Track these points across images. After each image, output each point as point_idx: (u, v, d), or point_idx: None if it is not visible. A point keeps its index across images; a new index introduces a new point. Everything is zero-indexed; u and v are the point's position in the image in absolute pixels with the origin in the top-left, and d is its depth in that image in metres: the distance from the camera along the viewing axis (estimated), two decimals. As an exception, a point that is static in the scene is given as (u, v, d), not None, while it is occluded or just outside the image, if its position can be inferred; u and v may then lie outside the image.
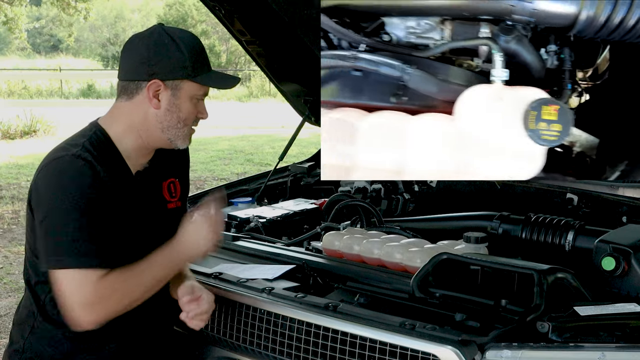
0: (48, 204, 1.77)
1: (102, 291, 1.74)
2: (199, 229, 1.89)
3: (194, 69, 1.85)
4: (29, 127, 13.03)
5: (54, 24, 37.15)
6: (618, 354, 1.60)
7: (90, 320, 1.76)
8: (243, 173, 9.41)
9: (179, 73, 1.84)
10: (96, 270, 1.74)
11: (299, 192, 3.24)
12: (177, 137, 1.90)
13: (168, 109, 1.86)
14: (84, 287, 1.73)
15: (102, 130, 1.89)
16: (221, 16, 2.90)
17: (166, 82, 1.84)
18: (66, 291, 1.75)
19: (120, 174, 1.88)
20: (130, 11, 41.38)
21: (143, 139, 1.90)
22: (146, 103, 1.85)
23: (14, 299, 4.80)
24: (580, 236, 2.25)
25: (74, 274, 1.73)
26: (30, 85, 23.07)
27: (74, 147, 1.82)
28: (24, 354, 1.92)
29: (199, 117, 1.93)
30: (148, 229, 1.95)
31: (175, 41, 1.84)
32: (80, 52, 37.71)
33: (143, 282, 1.82)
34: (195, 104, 1.89)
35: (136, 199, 1.92)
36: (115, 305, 1.78)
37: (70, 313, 1.76)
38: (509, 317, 1.75)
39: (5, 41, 35.76)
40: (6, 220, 6.98)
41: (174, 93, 1.85)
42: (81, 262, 1.73)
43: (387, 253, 2.15)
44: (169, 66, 1.83)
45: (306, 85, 3.23)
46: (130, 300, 1.80)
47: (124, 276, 1.79)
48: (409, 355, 1.70)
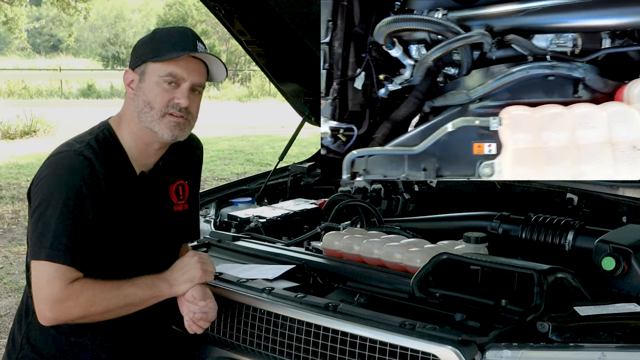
0: (41, 195, 1.78)
1: (70, 291, 1.74)
2: (188, 260, 1.91)
3: (156, 50, 1.86)
4: (29, 127, 13.03)
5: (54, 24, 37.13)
6: (618, 354, 1.60)
7: (50, 317, 1.76)
8: (243, 173, 9.41)
9: (142, 58, 1.87)
10: (69, 269, 1.74)
11: (299, 192, 3.24)
12: (153, 124, 1.86)
13: (136, 94, 1.88)
14: (54, 282, 1.73)
15: (110, 129, 1.91)
16: (221, 16, 2.90)
17: (135, 70, 1.88)
18: (36, 283, 1.76)
19: (124, 173, 1.88)
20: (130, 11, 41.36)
21: (135, 133, 1.90)
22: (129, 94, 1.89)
23: (14, 299, 4.80)
24: (580, 236, 2.25)
25: (45, 267, 1.74)
26: (30, 85, 23.07)
27: (78, 143, 1.84)
28: (21, 350, 1.93)
29: (176, 102, 1.86)
30: (151, 229, 1.95)
31: (153, 33, 1.90)
32: (80, 52, 37.70)
33: (118, 295, 1.80)
34: (166, 89, 1.85)
35: (140, 199, 1.92)
36: (80, 310, 1.77)
37: (35, 305, 1.77)
38: (509, 317, 1.75)
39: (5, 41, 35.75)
40: (6, 220, 6.98)
41: (140, 78, 1.87)
42: (55, 257, 1.73)
43: (387, 253, 2.15)
44: (137, 54, 1.89)
45: (306, 85, 3.23)
46: (99, 310, 1.79)
47: (100, 284, 1.78)
48: (409, 355, 1.70)
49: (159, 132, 1.87)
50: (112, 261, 1.86)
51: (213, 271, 1.96)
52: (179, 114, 1.87)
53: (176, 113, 1.87)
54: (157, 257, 1.98)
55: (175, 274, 1.89)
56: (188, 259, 1.92)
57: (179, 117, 1.87)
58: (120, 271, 1.86)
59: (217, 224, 2.70)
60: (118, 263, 1.88)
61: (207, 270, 1.92)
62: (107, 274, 1.83)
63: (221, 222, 2.76)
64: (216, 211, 2.84)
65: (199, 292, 1.90)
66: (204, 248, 2.44)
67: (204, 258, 1.94)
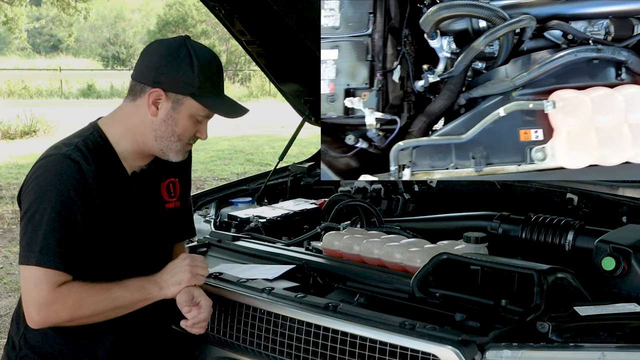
0: (30, 200, 1.78)
1: (57, 295, 1.74)
2: (179, 262, 1.90)
3: (201, 89, 1.83)
4: (29, 127, 13.04)
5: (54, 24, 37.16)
6: (618, 354, 1.60)
7: (38, 320, 1.76)
8: (243, 173, 9.41)
9: (183, 89, 1.83)
10: (57, 273, 1.74)
11: (299, 192, 3.24)
12: (170, 150, 1.89)
13: (164, 120, 1.85)
14: (41, 286, 1.73)
15: (100, 131, 1.89)
16: (221, 16, 2.90)
17: (168, 94, 1.83)
18: (24, 286, 1.76)
19: (115, 174, 1.88)
20: (130, 11, 41.36)
21: (139, 143, 1.89)
22: (146, 108, 1.85)
23: (14, 299, 4.80)
24: (580, 236, 2.25)
25: (34, 271, 1.74)
26: (30, 85, 23.07)
27: (66, 146, 1.83)
28: (20, 350, 1.93)
29: (197, 136, 1.92)
30: (144, 227, 1.95)
31: (191, 57, 1.82)
32: (80, 52, 37.70)
33: (107, 298, 1.80)
34: (195, 122, 1.88)
35: (132, 198, 1.92)
36: (67, 313, 1.76)
37: (24, 309, 1.78)
38: (509, 317, 1.75)
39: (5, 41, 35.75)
40: (6, 220, 6.99)
41: (174, 107, 1.84)
42: (43, 261, 1.73)
43: (387, 253, 2.15)
44: (175, 79, 1.82)
45: (306, 85, 3.23)
46: (87, 314, 1.79)
47: (88, 287, 1.78)
48: (409, 355, 1.70)
49: (167, 153, 1.90)
50: (106, 261, 1.86)
51: (204, 274, 1.93)
52: (193, 142, 1.94)
53: (192, 142, 1.93)
54: (151, 256, 1.97)
55: (165, 276, 1.88)
56: (179, 262, 1.91)
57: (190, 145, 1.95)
58: (115, 271, 1.86)
59: (217, 224, 2.70)
60: (112, 263, 1.87)
61: (197, 273, 1.90)
62: (101, 274, 1.83)
63: (221, 222, 2.76)
64: (216, 211, 2.84)
65: (184, 298, 1.88)
66: (204, 248, 2.44)
67: (196, 261, 1.92)
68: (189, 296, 1.89)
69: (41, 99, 20.92)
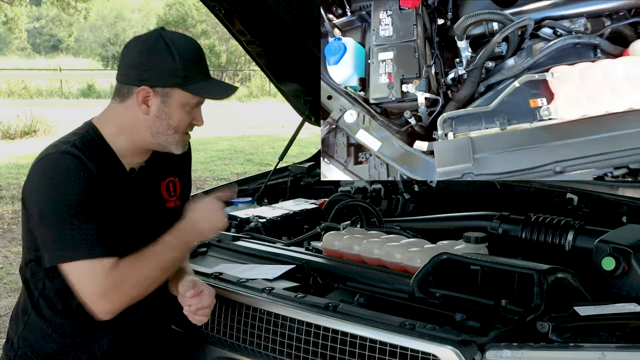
0: (42, 201, 1.78)
1: (114, 278, 1.75)
2: (206, 207, 1.90)
3: (186, 78, 1.81)
4: (29, 127, 13.04)
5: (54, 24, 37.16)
6: (618, 354, 1.60)
7: (107, 309, 1.77)
8: (243, 173, 9.42)
9: (169, 81, 1.81)
10: (103, 259, 1.74)
11: (299, 192, 3.24)
12: (169, 143, 1.89)
13: (157, 116, 1.84)
14: (95, 276, 1.74)
15: (95, 129, 1.89)
16: (221, 16, 2.90)
17: (156, 89, 1.82)
18: (78, 283, 1.76)
19: (114, 171, 1.87)
20: (130, 11, 41.37)
21: (136, 141, 1.89)
22: (137, 107, 1.84)
23: (14, 299, 4.80)
24: (580, 236, 2.25)
25: (81, 266, 1.74)
26: (30, 85, 23.08)
27: (64, 144, 1.82)
28: (19, 349, 1.93)
29: (193, 124, 1.91)
30: (145, 226, 1.95)
31: (170, 48, 1.81)
32: (80, 52, 37.71)
33: (156, 264, 1.82)
34: (189, 111, 1.87)
35: (132, 196, 1.92)
36: (130, 290, 1.78)
37: (87, 304, 1.77)
38: (509, 317, 1.75)
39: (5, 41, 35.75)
40: (6, 220, 6.98)
41: (163, 100, 1.83)
42: (86, 253, 1.73)
43: (387, 253, 2.15)
44: (159, 73, 1.81)
45: (306, 85, 3.23)
46: (146, 285, 1.81)
47: (136, 260, 1.79)
48: (409, 355, 1.70)
49: (168, 147, 1.90)
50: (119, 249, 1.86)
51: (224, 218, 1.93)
52: (191, 130, 1.93)
53: (189, 130, 1.92)
54: None
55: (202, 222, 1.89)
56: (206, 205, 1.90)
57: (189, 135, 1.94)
58: None
59: (217, 224, 2.70)
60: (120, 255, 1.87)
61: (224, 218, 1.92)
62: None
63: (221, 222, 2.75)
64: (216, 211, 2.84)
65: (187, 285, 1.91)
66: (204, 248, 2.44)
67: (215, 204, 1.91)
68: (192, 283, 1.91)
69: (41, 99, 20.93)
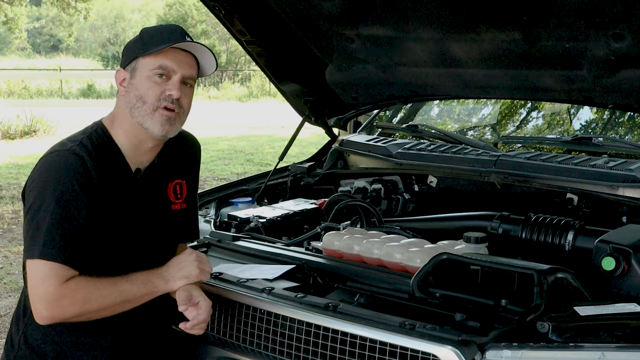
0: (34, 195, 1.79)
1: (65, 290, 1.74)
2: (186, 257, 1.92)
3: (145, 45, 1.88)
4: (29, 127, 13.03)
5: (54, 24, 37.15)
6: (618, 354, 1.60)
7: (46, 316, 1.76)
8: (243, 173, 9.41)
9: (132, 55, 1.90)
10: (63, 267, 1.74)
11: (299, 192, 3.24)
12: (144, 119, 1.87)
13: (127, 91, 1.90)
14: (48, 281, 1.73)
15: (103, 128, 1.92)
16: (221, 16, 2.90)
17: (126, 68, 1.91)
18: (31, 282, 1.77)
19: (118, 171, 1.88)
20: (130, 11, 41.35)
21: (129, 131, 1.90)
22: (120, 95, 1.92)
23: (14, 299, 4.80)
24: (580, 236, 2.25)
25: (40, 266, 1.74)
26: (30, 85, 23.05)
27: (71, 142, 1.85)
28: (19, 350, 1.93)
29: (167, 94, 1.87)
30: (148, 225, 1.95)
31: (141, 32, 1.93)
32: (80, 52, 37.71)
33: (114, 292, 1.80)
34: (157, 82, 1.87)
35: (137, 197, 1.92)
36: (76, 307, 1.76)
37: (31, 304, 1.78)
38: (509, 317, 1.75)
39: (5, 41, 35.74)
40: (6, 220, 6.98)
41: (132, 75, 1.90)
42: (48, 255, 1.73)
43: (387, 253, 2.15)
44: (127, 53, 1.92)
45: (306, 85, 3.23)
46: (95, 308, 1.79)
47: (95, 282, 1.78)
48: (409, 355, 1.70)
49: (149, 128, 1.87)
50: (109, 259, 1.86)
51: (209, 271, 1.96)
52: (171, 106, 1.88)
53: (169, 106, 1.87)
54: (153, 256, 1.97)
55: (172, 270, 1.90)
56: (185, 256, 1.93)
57: (170, 111, 1.88)
58: (117, 269, 1.86)
59: (217, 224, 2.70)
60: (114, 261, 1.87)
61: (204, 269, 1.92)
62: (103, 271, 1.83)
63: (221, 222, 2.76)
64: (216, 211, 2.84)
65: (183, 297, 1.88)
66: (204, 248, 2.44)
67: (202, 257, 1.95)
68: (188, 295, 1.89)
69: (41, 99, 20.91)
